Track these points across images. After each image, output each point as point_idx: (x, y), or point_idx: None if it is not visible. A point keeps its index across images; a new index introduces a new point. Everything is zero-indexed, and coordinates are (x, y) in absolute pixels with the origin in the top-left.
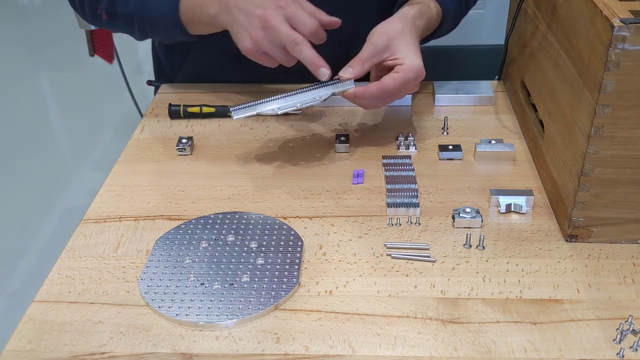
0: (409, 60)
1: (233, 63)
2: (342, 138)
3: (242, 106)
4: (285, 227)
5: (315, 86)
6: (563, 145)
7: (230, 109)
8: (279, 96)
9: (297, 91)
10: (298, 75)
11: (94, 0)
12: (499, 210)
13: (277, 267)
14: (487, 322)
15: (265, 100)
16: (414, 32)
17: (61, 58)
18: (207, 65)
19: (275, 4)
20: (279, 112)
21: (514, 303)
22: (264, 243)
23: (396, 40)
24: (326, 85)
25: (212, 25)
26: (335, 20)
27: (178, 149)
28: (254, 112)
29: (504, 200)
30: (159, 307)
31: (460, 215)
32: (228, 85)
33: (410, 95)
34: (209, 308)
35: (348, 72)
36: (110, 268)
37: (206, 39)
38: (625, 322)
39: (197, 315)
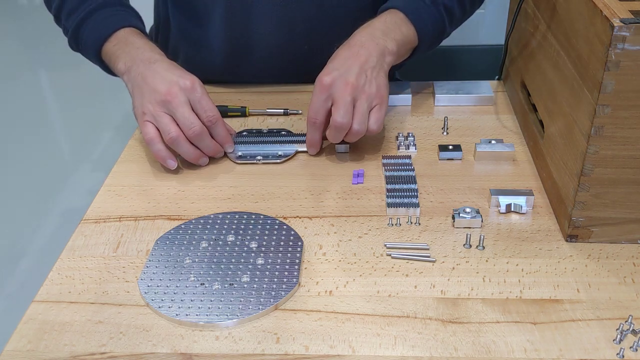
0: (318, 78)
1: (227, 64)
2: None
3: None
4: (285, 227)
5: (283, 138)
6: (563, 145)
7: None
8: (247, 139)
9: (265, 137)
10: (296, 77)
11: (48, 2)
12: (499, 210)
13: (277, 267)
14: (487, 322)
15: (234, 140)
16: (347, 48)
17: (61, 58)
18: (201, 66)
19: (179, 86)
20: (238, 159)
21: (514, 303)
22: (264, 243)
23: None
24: (292, 142)
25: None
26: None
27: None
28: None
29: (504, 200)
30: (159, 307)
31: (460, 215)
32: (228, 85)
33: (410, 95)
34: (209, 308)
35: (310, 151)
36: (110, 268)
37: (199, 39)
38: (625, 322)
39: (197, 315)
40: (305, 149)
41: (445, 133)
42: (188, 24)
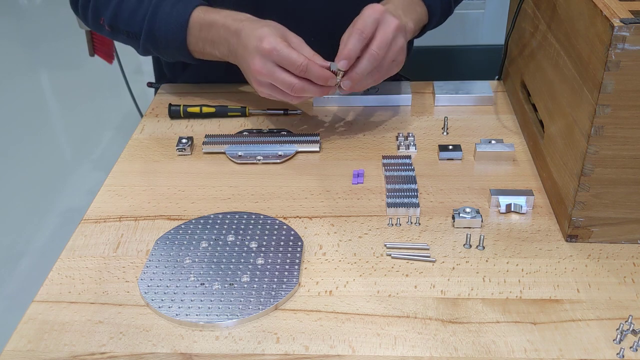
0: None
1: (229, 63)
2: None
3: (213, 141)
4: (285, 227)
5: (283, 138)
6: (563, 145)
7: (203, 141)
8: (247, 139)
9: (265, 138)
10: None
11: (97, 11)
12: (499, 210)
13: (277, 267)
14: (487, 322)
15: (235, 140)
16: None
17: (61, 58)
18: (209, 69)
19: (262, 51)
20: (238, 159)
21: (514, 303)
22: (264, 243)
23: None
24: (292, 142)
25: (220, 59)
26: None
27: (178, 149)
28: (222, 150)
29: (504, 200)
30: (159, 307)
31: (460, 215)
32: (228, 85)
33: (410, 95)
34: (209, 308)
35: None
36: (110, 268)
37: None
38: (625, 322)
39: (197, 315)
40: (305, 149)
41: (445, 133)
42: None
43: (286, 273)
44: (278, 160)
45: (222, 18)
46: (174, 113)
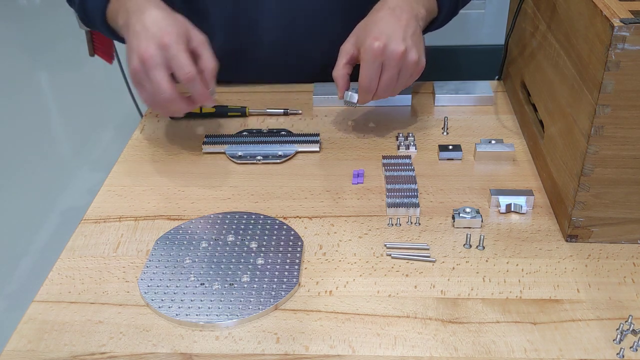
0: (366, 42)
1: (229, 61)
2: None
3: (213, 141)
4: (285, 227)
5: (283, 138)
6: (563, 145)
7: (203, 141)
8: (247, 139)
9: (265, 138)
10: (297, 73)
11: None
12: (499, 210)
13: (277, 267)
14: (487, 322)
15: (235, 140)
16: (387, 10)
17: (61, 58)
18: None
19: (159, 41)
20: (238, 159)
21: (514, 303)
22: (264, 243)
23: (359, 28)
24: (292, 142)
25: (119, 31)
26: (211, 68)
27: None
28: (222, 150)
29: (504, 200)
30: (159, 307)
31: (460, 215)
32: (228, 85)
33: (410, 95)
34: (209, 308)
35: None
36: (110, 268)
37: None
38: (625, 322)
39: (197, 315)
40: (305, 149)
41: (445, 133)
42: (193, 19)
43: (286, 273)
44: (278, 160)
45: None
46: None
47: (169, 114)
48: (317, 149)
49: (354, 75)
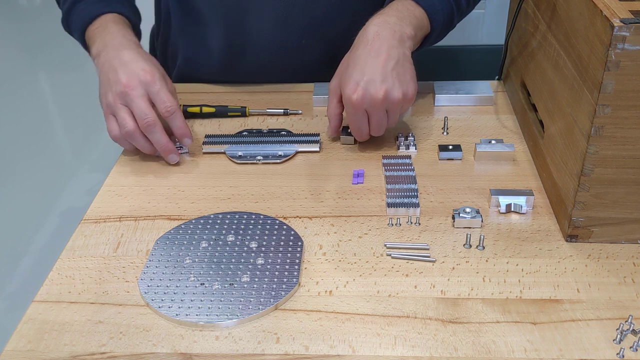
0: (346, 92)
1: (226, 62)
2: (349, 130)
3: (213, 141)
4: (285, 227)
5: (283, 138)
6: (563, 145)
7: (203, 141)
8: (247, 139)
9: (265, 138)
10: (293, 73)
11: None
12: (499, 210)
13: (277, 267)
14: (487, 322)
15: (235, 140)
16: (365, 45)
17: (61, 58)
18: (200, 65)
19: (142, 78)
20: (238, 159)
21: (514, 303)
22: (264, 243)
23: (342, 67)
24: (292, 142)
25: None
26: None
27: (177, 147)
28: (222, 150)
29: (504, 200)
30: (159, 307)
31: (460, 215)
32: (228, 85)
33: None
34: (209, 308)
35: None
36: (110, 268)
37: (198, 37)
38: (625, 322)
39: (197, 315)
40: (305, 149)
41: (445, 133)
42: (188, 20)
43: (286, 273)
44: (278, 160)
45: (118, 30)
46: None
47: (142, 147)
48: (317, 149)
49: None
